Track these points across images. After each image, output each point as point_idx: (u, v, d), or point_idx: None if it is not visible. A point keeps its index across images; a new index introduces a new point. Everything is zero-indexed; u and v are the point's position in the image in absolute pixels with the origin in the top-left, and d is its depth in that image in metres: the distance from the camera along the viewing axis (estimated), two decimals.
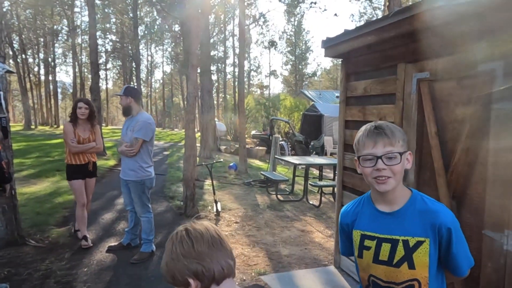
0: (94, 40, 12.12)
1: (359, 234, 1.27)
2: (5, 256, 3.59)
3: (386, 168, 1.13)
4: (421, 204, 1.19)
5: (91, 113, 3.92)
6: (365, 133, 1.18)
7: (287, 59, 45.41)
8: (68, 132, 3.82)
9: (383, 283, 1.22)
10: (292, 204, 6.44)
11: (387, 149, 1.14)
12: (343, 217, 1.36)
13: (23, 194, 6.00)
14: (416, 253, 1.16)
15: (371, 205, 1.26)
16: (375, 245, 1.22)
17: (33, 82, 38.09)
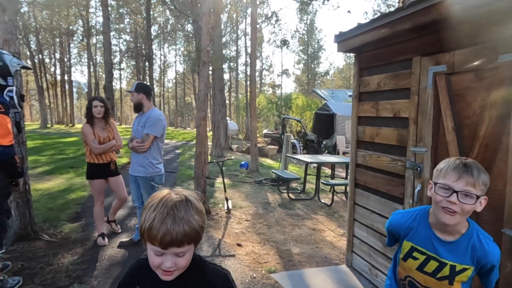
0: (108, 40, 12.27)
1: (410, 245, 1.42)
2: (18, 250, 3.63)
3: (458, 203, 1.22)
4: (476, 241, 1.31)
5: (106, 110, 3.94)
6: (452, 165, 1.26)
7: (299, 58, 45.18)
8: (88, 134, 3.82)
9: (420, 286, 1.41)
10: (304, 202, 6.37)
11: (467, 188, 1.21)
12: (396, 227, 1.49)
13: (37, 190, 6.10)
14: (459, 276, 1.33)
15: (429, 227, 1.38)
16: (423, 260, 1.38)
17: (49, 81, 38.91)
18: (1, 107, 2.59)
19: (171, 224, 0.89)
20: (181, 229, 0.89)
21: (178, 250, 0.91)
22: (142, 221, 0.93)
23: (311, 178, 8.34)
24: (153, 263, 0.94)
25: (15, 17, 3.64)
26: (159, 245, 0.89)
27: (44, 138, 18.34)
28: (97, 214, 4.00)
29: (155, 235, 0.89)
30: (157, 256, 0.92)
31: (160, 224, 0.89)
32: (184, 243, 0.91)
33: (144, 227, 0.91)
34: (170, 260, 0.91)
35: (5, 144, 2.59)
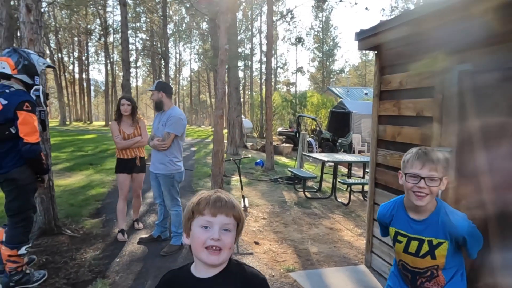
0: (125, 38, 12.44)
1: (394, 230, 1.62)
2: (43, 244, 3.74)
3: (426, 187, 1.42)
4: (444, 216, 1.49)
5: (133, 109, 4.07)
6: (415, 155, 1.46)
7: (314, 55, 44.85)
8: (114, 130, 4.03)
9: (410, 267, 1.59)
10: (320, 201, 6.33)
11: (431, 173, 1.41)
12: (381, 217, 1.70)
13: (59, 186, 6.25)
14: (437, 249, 1.50)
15: (404, 211, 1.58)
16: (405, 241, 1.56)
17: (68, 80, 39.79)
18: (28, 106, 2.66)
19: (220, 196, 0.98)
20: (230, 200, 0.99)
21: (226, 220, 0.96)
22: (189, 207, 1.00)
23: (327, 177, 8.28)
24: (199, 239, 0.95)
25: (40, 17, 3.73)
26: (209, 212, 0.95)
27: (64, 135, 18.80)
28: (119, 209, 4.11)
29: (205, 204, 0.96)
30: (204, 231, 0.95)
31: (209, 197, 0.98)
32: (231, 214, 0.97)
33: (192, 206, 0.99)
34: (217, 231, 0.94)
35: (32, 142, 2.66)
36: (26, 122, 2.62)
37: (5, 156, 2.67)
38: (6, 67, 2.73)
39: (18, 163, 2.70)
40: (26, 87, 2.83)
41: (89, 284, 2.98)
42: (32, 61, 2.84)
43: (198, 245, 0.96)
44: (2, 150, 2.66)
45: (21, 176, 2.72)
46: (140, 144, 4.10)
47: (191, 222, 0.98)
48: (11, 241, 2.75)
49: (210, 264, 0.96)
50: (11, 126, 2.62)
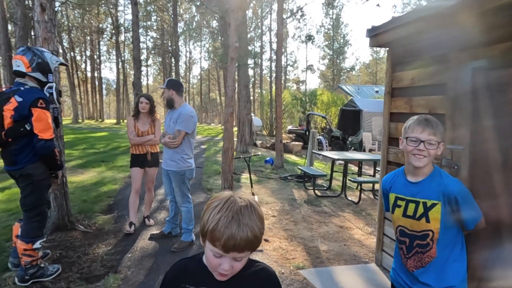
0: (137, 37, 12.55)
1: (394, 196, 1.72)
2: (57, 239, 3.81)
3: (425, 150, 1.54)
4: (438, 178, 1.60)
5: (151, 107, 4.21)
6: (416, 121, 1.58)
7: (325, 53, 44.57)
8: (129, 126, 4.21)
9: (408, 231, 1.66)
10: (330, 199, 6.31)
11: (430, 137, 1.54)
12: (384, 184, 1.82)
13: (72, 183, 6.36)
14: (431, 211, 1.57)
15: (403, 176, 1.70)
16: (404, 204, 1.66)
17: (80, 78, 40.35)
18: (42, 103, 2.71)
19: (236, 229, 0.88)
20: (245, 235, 0.89)
21: (238, 255, 0.92)
22: (205, 221, 0.93)
23: (337, 175, 8.24)
24: (211, 263, 0.95)
25: (54, 16, 3.79)
26: (221, 248, 0.90)
27: (76, 133, 19.09)
28: (131, 203, 4.28)
29: (218, 238, 0.89)
30: (215, 258, 0.93)
31: (224, 228, 0.88)
32: (245, 249, 0.91)
33: (207, 227, 0.91)
34: (228, 263, 0.92)
35: (46, 138, 2.71)
36: (40, 118, 2.68)
37: (20, 152, 2.73)
38: (21, 65, 2.78)
39: (33, 159, 2.76)
40: (40, 84, 2.89)
41: (102, 279, 3.03)
42: (45, 59, 2.89)
43: (209, 265, 0.97)
44: (18, 146, 2.72)
45: (36, 172, 2.78)
46: (152, 142, 4.24)
47: (205, 239, 0.94)
48: (27, 235, 2.82)
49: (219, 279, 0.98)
50: (26, 123, 2.67)
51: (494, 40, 2.24)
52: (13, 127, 2.67)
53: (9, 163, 2.78)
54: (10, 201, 5.10)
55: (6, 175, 6.47)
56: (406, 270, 1.69)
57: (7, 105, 2.65)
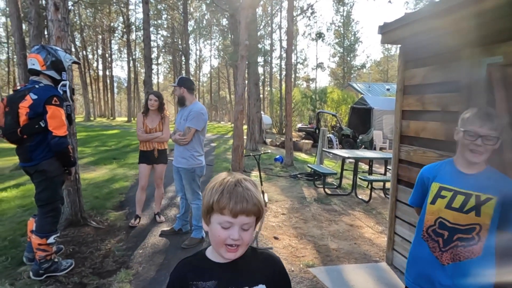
0: (147, 35, 12.65)
1: (438, 186, 1.62)
2: (70, 235, 3.88)
3: (482, 145, 1.47)
4: (496, 173, 1.55)
5: (160, 105, 4.27)
6: (476, 114, 1.50)
7: (335, 51, 44.23)
8: (138, 122, 4.29)
9: (449, 224, 1.57)
10: (340, 198, 6.28)
11: (489, 132, 1.46)
12: (426, 171, 1.73)
13: (84, 180, 6.45)
14: (484, 205, 1.49)
15: (453, 166, 1.62)
16: (450, 196, 1.57)
17: (92, 77, 40.87)
18: (56, 100, 2.76)
19: (241, 193, 0.93)
20: (251, 199, 0.93)
21: (246, 220, 0.94)
22: (208, 197, 0.96)
23: (348, 174, 8.19)
24: (219, 237, 0.94)
25: (67, 15, 3.84)
26: (230, 213, 0.92)
27: (88, 131, 19.35)
28: (137, 198, 4.42)
29: (225, 204, 0.92)
30: (224, 230, 0.94)
31: (230, 194, 0.92)
32: (252, 213, 0.94)
33: (212, 200, 0.94)
34: (237, 232, 0.93)
35: (60, 135, 2.76)
36: (55, 116, 2.72)
37: (35, 148, 2.78)
38: (36, 64, 2.83)
39: (47, 156, 2.81)
40: (54, 82, 2.94)
41: (113, 274, 3.07)
42: (59, 57, 2.94)
43: (217, 241, 0.96)
44: (33, 143, 2.77)
45: (50, 168, 2.83)
46: (159, 140, 4.28)
47: (210, 216, 0.96)
48: (41, 230, 2.87)
49: (227, 258, 0.97)
50: (40, 120, 2.72)
51: (510, 35, 2.19)
52: (28, 124, 2.72)
53: (25, 160, 2.84)
54: (25, 197, 5.21)
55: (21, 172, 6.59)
56: (439, 266, 1.58)
57: (22, 102, 2.70)
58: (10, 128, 2.73)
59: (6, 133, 2.75)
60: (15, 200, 5.08)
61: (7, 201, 5.05)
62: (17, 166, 7.16)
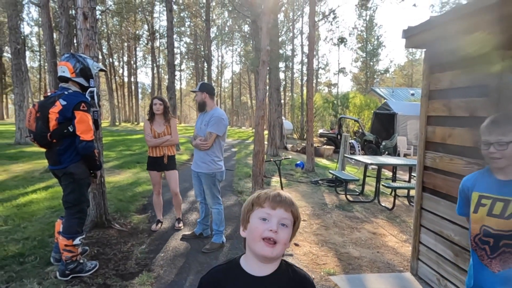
0: (171, 42, 12.92)
1: (477, 195, 1.65)
2: (94, 236, 3.99)
3: (496, 151, 1.52)
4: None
5: (165, 108, 4.24)
6: (485, 124, 1.58)
7: (357, 55, 43.65)
8: (146, 129, 4.28)
9: (493, 231, 1.58)
10: (362, 205, 6.16)
11: (499, 138, 1.51)
12: (466, 181, 1.77)
13: (109, 183, 6.62)
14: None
15: (490, 174, 1.64)
16: (490, 203, 1.59)
17: (118, 83, 42.12)
18: (84, 106, 2.86)
19: (280, 192, 1.02)
20: (289, 197, 1.02)
21: (284, 215, 0.98)
22: (248, 201, 1.04)
23: (370, 180, 8.03)
24: (257, 230, 0.97)
25: (95, 24, 3.98)
26: (269, 205, 0.98)
27: (114, 135, 19.90)
28: (154, 203, 4.50)
29: (265, 198, 1.00)
30: (262, 222, 0.97)
31: (270, 192, 1.02)
32: (290, 210, 0.99)
33: (253, 200, 1.02)
34: (275, 223, 0.96)
35: (87, 139, 2.86)
36: (82, 121, 2.82)
37: (64, 152, 2.89)
38: (66, 71, 2.95)
39: (75, 159, 2.91)
40: (82, 89, 3.05)
41: (136, 276, 3.13)
42: (87, 65, 3.05)
43: (255, 236, 0.97)
44: (62, 147, 2.88)
45: (77, 171, 2.93)
46: (169, 143, 4.25)
47: (250, 215, 1.01)
48: (67, 232, 2.96)
49: (263, 255, 0.96)
50: (69, 124, 2.83)
51: None
52: (57, 129, 2.83)
53: (54, 163, 2.95)
54: (53, 199, 5.40)
55: (50, 175, 6.82)
56: (490, 274, 1.60)
57: (52, 108, 2.82)
58: (41, 132, 2.84)
59: (37, 137, 2.87)
60: (44, 202, 5.27)
61: (37, 202, 5.24)
62: (47, 169, 7.44)
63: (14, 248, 3.52)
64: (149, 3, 33.91)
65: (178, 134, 4.36)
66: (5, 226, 4.19)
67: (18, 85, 13.14)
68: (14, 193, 5.79)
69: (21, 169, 8.23)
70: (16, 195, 5.65)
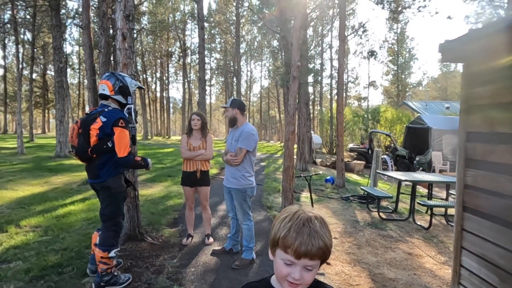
0: (202, 59, 13.29)
1: None
2: (128, 249, 4.08)
3: None
4: None
5: (202, 124, 4.31)
6: None
7: (388, 68, 42.88)
8: (182, 141, 4.38)
9: None
10: (396, 223, 5.92)
11: None
12: None
13: (141, 196, 6.78)
14: None
15: None
16: None
17: (151, 98, 43.69)
18: (123, 122, 2.98)
19: (308, 236, 0.91)
20: (317, 243, 0.91)
21: (309, 263, 0.92)
22: (276, 230, 0.96)
23: (404, 197, 7.74)
24: (281, 272, 0.94)
25: (133, 44, 4.17)
26: (293, 254, 0.91)
27: (146, 149, 20.52)
28: (186, 217, 4.56)
29: (290, 244, 0.91)
30: (286, 266, 0.93)
31: (296, 234, 0.91)
32: (316, 257, 0.92)
33: (279, 235, 0.94)
34: (298, 271, 0.92)
35: (125, 155, 2.96)
36: (120, 137, 2.94)
37: (103, 167, 3.01)
38: (106, 89, 3.10)
39: (113, 173, 3.03)
40: (120, 106, 3.18)
41: None
42: (126, 83, 3.18)
43: (278, 275, 0.96)
44: (101, 161, 3.00)
45: (114, 185, 3.04)
46: (203, 157, 4.29)
47: (275, 249, 0.96)
48: (104, 244, 3.05)
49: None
50: (108, 140, 2.95)
51: None
52: (97, 144, 2.96)
53: (93, 177, 3.08)
54: (90, 211, 5.60)
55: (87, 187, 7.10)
56: None
57: (93, 124, 2.96)
58: (82, 148, 2.98)
59: (78, 152, 3.01)
60: (81, 213, 5.48)
61: (75, 214, 5.46)
62: (85, 181, 7.77)
63: (53, 259, 3.67)
64: (182, 22, 35.28)
65: (213, 149, 4.42)
66: (46, 237, 4.38)
67: (60, 101, 13.94)
68: (54, 204, 6.06)
69: (60, 181, 8.63)
70: (56, 207, 5.92)
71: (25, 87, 27.26)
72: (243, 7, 27.13)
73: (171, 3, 34.39)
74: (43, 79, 35.82)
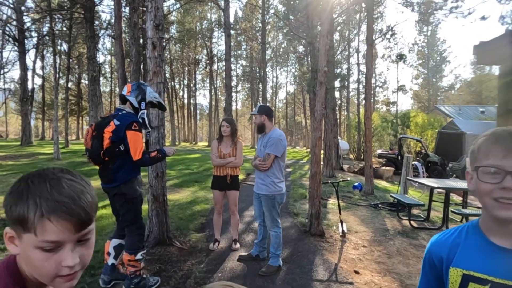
0: (229, 65, 13.47)
1: (460, 274, 0.93)
2: (157, 253, 4.15)
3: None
4: None
5: (232, 131, 4.35)
6: (492, 137, 0.90)
7: (418, 72, 41.71)
8: (213, 148, 4.43)
9: None
10: (429, 232, 5.69)
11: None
12: (435, 247, 1.02)
13: (169, 201, 6.89)
14: None
15: (482, 236, 0.93)
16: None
17: (178, 105, 44.69)
18: (136, 125, 3.03)
19: None
20: None
21: None
22: None
23: (436, 205, 7.44)
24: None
25: (162, 53, 4.29)
26: None
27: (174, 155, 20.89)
28: (214, 222, 4.57)
29: None
30: None
31: None
32: None
33: None
34: None
35: (139, 158, 3.00)
36: (134, 139, 2.98)
37: (117, 171, 3.05)
38: (125, 90, 3.27)
39: (127, 178, 3.07)
40: (135, 111, 3.24)
41: None
42: (145, 89, 3.28)
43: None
44: (114, 165, 3.04)
45: (129, 191, 3.08)
46: (233, 165, 4.32)
47: None
48: (130, 247, 3.12)
49: None
50: (121, 144, 2.99)
51: None
52: (110, 147, 3.01)
53: (107, 181, 3.11)
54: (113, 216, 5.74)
55: None
56: None
57: (107, 127, 3.03)
58: (96, 150, 3.04)
59: (91, 155, 3.07)
60: (112, 217, 5.61)
61: (106, 217, 5.63)
62: None
63: None
64: (209, 30, 35.99)
65: (243, 156, 4.45)
66: None
67: (93, 109, 14.53)
68: None
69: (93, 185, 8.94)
70: None
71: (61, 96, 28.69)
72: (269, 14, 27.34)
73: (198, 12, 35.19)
74: (78, 88, 37.51)
